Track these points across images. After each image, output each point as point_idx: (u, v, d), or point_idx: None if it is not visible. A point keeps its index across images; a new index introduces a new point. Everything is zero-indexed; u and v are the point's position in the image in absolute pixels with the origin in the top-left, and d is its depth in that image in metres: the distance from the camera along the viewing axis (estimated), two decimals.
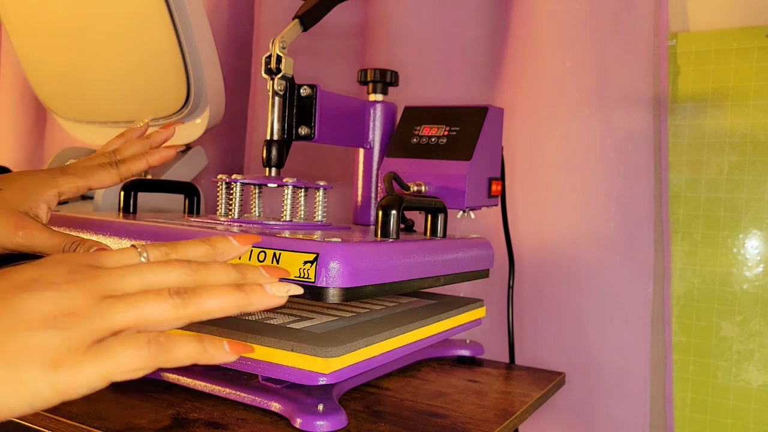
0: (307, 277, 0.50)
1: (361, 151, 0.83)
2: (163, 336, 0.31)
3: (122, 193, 0.77)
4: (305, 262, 0.50)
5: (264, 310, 0.62)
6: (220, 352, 0.33)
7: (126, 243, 0.61)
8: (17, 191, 0.53)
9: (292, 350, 0.51)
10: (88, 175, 0.56)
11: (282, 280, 0.38)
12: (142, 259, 0.35)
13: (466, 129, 0.74)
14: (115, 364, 0.30)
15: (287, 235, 0.55)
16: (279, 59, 0.69)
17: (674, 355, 0.93)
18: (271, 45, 0.69)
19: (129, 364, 0.30)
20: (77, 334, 0.29)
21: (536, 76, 0.95)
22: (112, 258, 0.34)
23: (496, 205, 0.79)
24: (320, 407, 0.52)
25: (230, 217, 0.68)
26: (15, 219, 0.51)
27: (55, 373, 0.28)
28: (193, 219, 0.71)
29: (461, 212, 0.74)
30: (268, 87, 0.70)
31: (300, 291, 0.37)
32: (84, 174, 0.56)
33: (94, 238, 0.64)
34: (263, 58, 0.70)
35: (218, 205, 0.71)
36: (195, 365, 0.60)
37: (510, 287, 0.87)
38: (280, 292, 0.35)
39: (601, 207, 0.91)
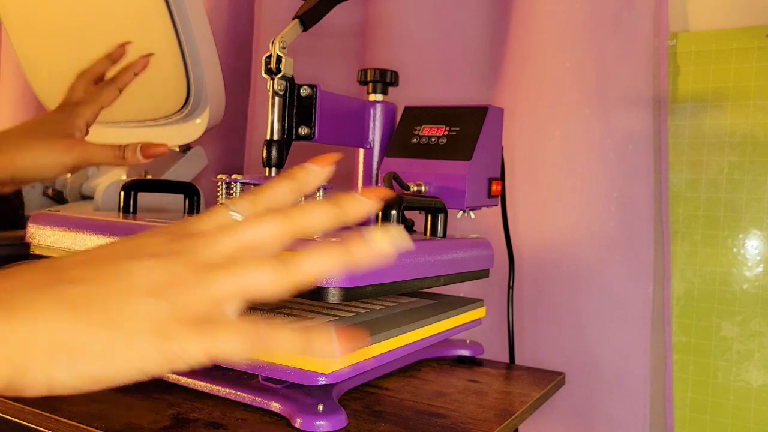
0: None
1: (361, 151, 0.83)
2: (269, 327, 0.30)
3: (122, 193, 0.77)
4: None
5: (263, 310, 0.62)
6: (327, 346, 0.30)
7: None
8: (52, 124, 0.60)
9: None
10: (97, 99, 0.62)
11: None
12: (236, 216, 0.33)
13: (466, 129, 0.74)
14: (220, 346, 0.29)
15: None
16: (279, 59, 0.69)
17: (674, 355, 0.93)
18: (271, 45, 0.69)
19: (233, 350, 0.29)
20: (183, 306, 0.29)
21: (536, 76, 0.95)
22: (206, 222, 0.33)
23: (496, 205, 0.79)
24: (320, 407, 0.52)
25: None
26: (65, 142, 0.60)
27: (165, 342, 0.28)
28: None
29: (461, 212, 0.74)
30: (268, 87, 0.70)
31: (406, 242, 0.32)
32: (94, 99, 0.62)
33: (95, 238, 0.64)
34: (263, 58, 0.70)
35: None
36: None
37: (510, 287, 0.87)
38: (385, 245, 0.32)
39: (601, 207, 0.91)
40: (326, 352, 0.30)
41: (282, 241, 0.32)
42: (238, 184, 0.68)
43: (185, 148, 1.14)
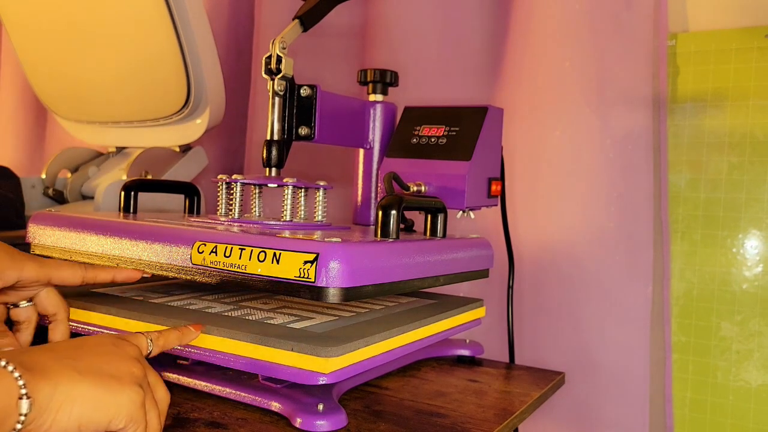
0: (307, 277, 0.50)
1: (361, 151, 0.83)
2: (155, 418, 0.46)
3: (122, 193, 0.77)
4: (305, 262, 0.51)
5: (263, 310, 0.62)
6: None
7: (126, 242, 0.62)
8: None
9: (292, 350, 0.51)
10: (54, 267, 0.57)
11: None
12: (149, 343, 0.51)
13: (465, 129, 0.74)
14: (157, 410, 0.45)
15: (287, 235, 0.55)
16: (279, 59, 0.69)
17: (674, 355, 0.93)
18: (271, 45, 0.69)
19: (156, 420, 0.45)
20: (139, 381, 0.44)
21: (536, 77, 0.95)
22: (134, 341, 0.50)
23: (496, 205, 0.79)
24: (320, 407, 0.52)
25: (230, 217, 0.68)
26: None
27: (134, 400, 0.42)
28: (193, 219, 0.71)
29: (461, 212, 0.74)
30: (268, 87, 0.70)
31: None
32: (50, 264, 0.57)
33: (95, 238, 0.64)
34: (263, 58, 0.70)
35: (218, 205, 0.71)
36: (196, 365, 0.60)
37: (510, 287, 0.87)
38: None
39: (600, 207, 0.91)
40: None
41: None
42: (238, 184, 0.68)
43: (185, 148, 1.14)
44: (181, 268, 0.58)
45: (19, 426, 0.36)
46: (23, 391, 0.37)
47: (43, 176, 1.19)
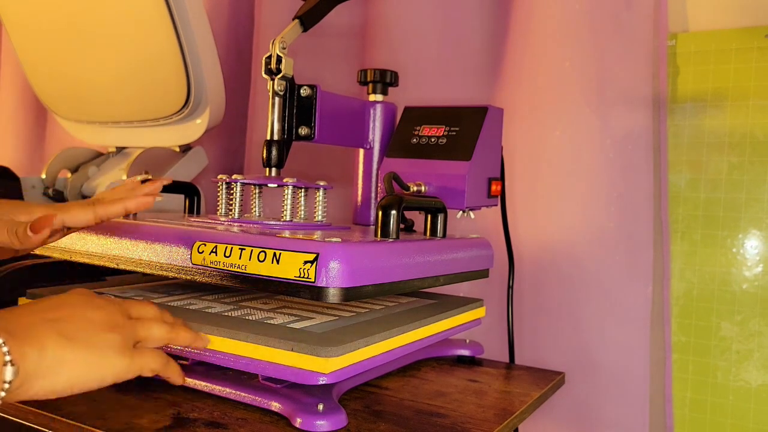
0: (307, 277, 0.50)
1: (361, 151, 0.83)
2: (167, 355, 0.49)
3: None
4: (305, 262, 0.51)
5: (263, 310, 0.62)
6: (179, 376, 0.51)
7: (126, 242, 0.62)
8: None
9: (292, 350, 0.51)
10: (63, 209, 0.56)
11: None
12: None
13: (465, 129, 0.74)
14: (149, 362, 0.47)
15: (287, 235, 0.55)
16: (279, 59, 0.69)
17: (674, 355, 0.93)
18: (271, 45, 0.69)
19: (153, 365, 0.47)
20: (126, 338, 0.46)
21: (536, 76, 0.95)
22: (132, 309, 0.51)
23: (496, 205, 0.79)
24: (320, 407, 0.52)
25: (230, 217, 0.68)
26: None
27: (123, 358, 0.44)
28: (193, 219, 0.71)
29: (461, 212, 0.74)
30: (268, 87, 0.71)
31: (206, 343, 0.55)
32: (60, 208, 0.57)
33: (95, 238, 0.64)
34: (263, 58, 0.70)
35: (218, 205, 0.71)
36: (196, 365, 0.60)
37: (510, 287, 0.87)
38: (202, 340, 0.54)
39: (600, 207, 0.91)
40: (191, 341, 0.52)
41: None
42: (238, 184, 0.68)
43: (185, 148, 1.14)
44: (181, 268, 0.58)
45: (2, 393, 0.37)
46: (7, 358, 0.36)
47: (43, 176, 1.19)
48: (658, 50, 0.92)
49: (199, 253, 0.56)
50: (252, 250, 0.53)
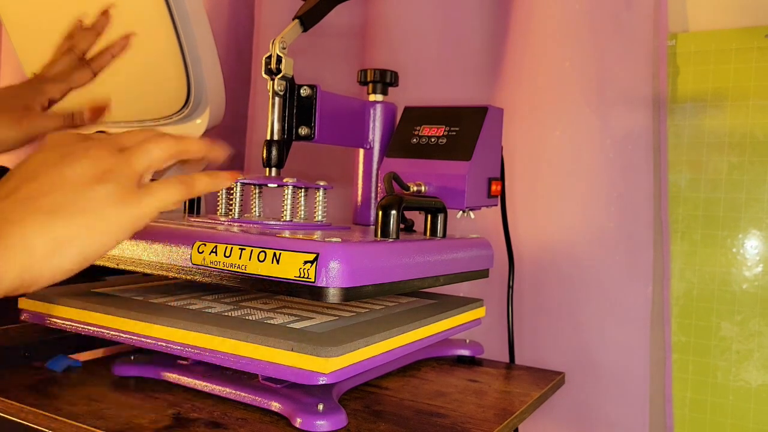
0: (307, 277, 0.50)
1: (361, 151, 0.83)
2: (188, 177, 0.42)
3: None
4: (305, 262, 0.51)
5: (263, 310, 0.62)
6: (225, 177, 0.45)
7: (126, 242, 0.62)
8: (12, 99, 0.59)
9: (292, 350, 0.51)
10: (68, 79, 0.59)
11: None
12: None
13: (465, 129, 0.74)
14: (163, 196, 0.40)
15: (287, 235, 0.55)
16: (279, 59, 0.69)
17: (674, 355, 0.93)
18: (271, 45, 0.69)
19: (171, 197, 0.40)
20: (123, 181, 0.39)
21: (536, 76, 0.95)
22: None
23: (496, 205, 0.79)
24: (320, 407, 0.52)
25: (230, 217, 0.68)
26: (13, 114, 0.57)
27: (127, 208, 0.38)
28: (193, 219, 0.71)
29: (461, 212, 0.74)
30: (268, 87, 0.71)
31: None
32: (65, 78, 0.60)
33: None
34: (263, 58, 0.70)
35: (218, 205, 0.71)
36: (196, 366, 0.60)
37: (510, 287, 0.87)
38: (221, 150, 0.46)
39: (600, 207, 0.91)
40: (225, 181, 0.45)
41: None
42: (238, 184, 0.68)
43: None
44: (181, 268, 0.58)
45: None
46: None
47: None
48: (658, 50, 0.92)
49: (199, 253, 0.56)
50: (252, 250, 0.53)
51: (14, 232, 0.35)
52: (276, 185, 0.68)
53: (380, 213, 0.61)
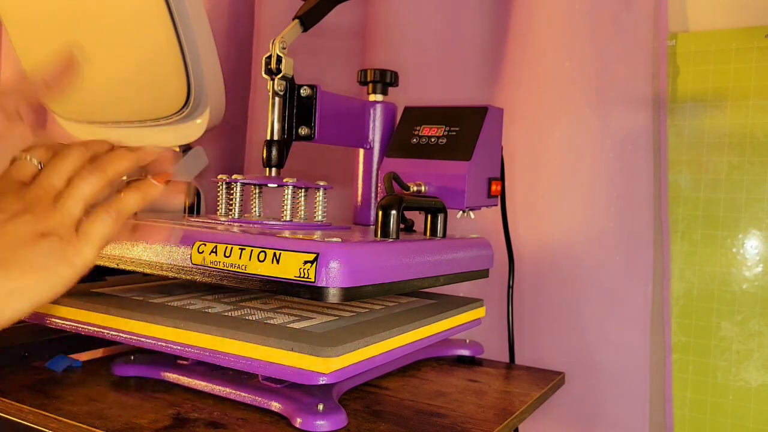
0: (307, 277, 0.50)
1: (361, 151, 0.83)
2: (115, 201, 0.43)
3: None
4: (305, 262, 0.51)
5: (263, 310, 0.62)
6: (150, 186, 0.45)
7: (126, 242, 0.62)
8: None
9: (292, 350, 0.51)
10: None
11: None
12: (39, 166, 0.43)
13: (465, 129, 0.74)
14: (99, 236, 0.41)
15: (287, 235, 0.55)
16: (279, 59, 0.69)
17: (674, 355, 0.93)
18: (271, 45, 0.69)
19: (105, 230, 0.42)
20: (63, 233, 0.40)
21: (536, 76, 0.95)
22: (20, 172, 0.43)
23: (496, 205, 0.79)
24: (320, 407, 0.52)
25: (230, 217, 0.68)
26: None
27: (70, 261, 0.40)
28: (193, 219, 0.71)
29: (461, 212, 0.74)
30: (268, 87, 0.71)
31: (159, 150, 0.47)
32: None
33: None
34: (263, 58, 0.70)
35: (218, 205, 0.71)
36: (196, 366, 0.60)
37: (510, 287, 0.87)
38: (153, 148, 0.46)
39: (600, 207, 0.91)
40: (153, 190, 0.45)
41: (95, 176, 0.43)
42: (238, 184, 0.68)
43: (185, 148, 1.14)
44: (181, 268, 0.58)
45: None
46: None
47: None
48: (658, 50, 0.92)
49: (199, 253, 0.56)
50: (252, 250, 0.53)
51: None
52: (276, 185, 0.68)
53: (380, 213, 0.61)
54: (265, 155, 0.70)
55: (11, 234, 0.39)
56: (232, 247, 0.54)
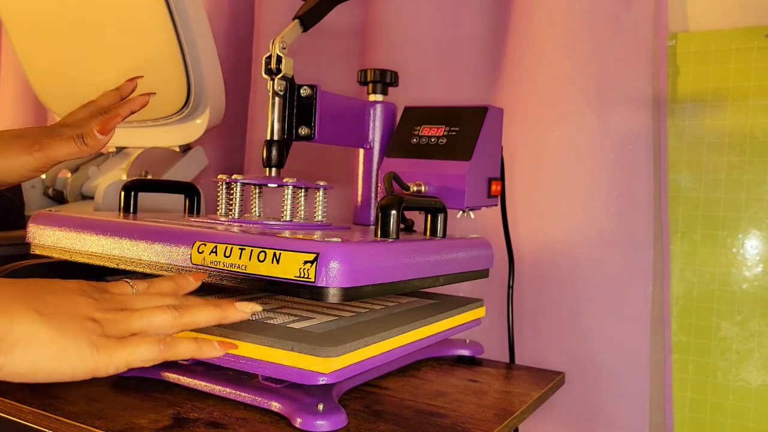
0: (307, 277, 0.50)
1: (361, 151, 0.83)
2: (169, 337, 0.43)
3: (122, 193, 0.77)
4: (305, 262, 0.51)
5: (264, 310, 0.62)
6: (211, 348, 0.45)
7: (126, 242, 0.62)
8: (27, 132, 0.63)
9: (292, 350, 0.51)
10: (83, 125, 0.62)
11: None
12: (134, 291, 0.48)
13: (465, 129, 0.74)
14: (135, 353, 0.42)
15: (287, 235, 0.55)
16: (279, 59, 0.69)
17: (674, 355, 0.93)
18: (271, 45, 0.69)
19: (144, 354, 0.42)
20: (110, 330, 0.42)
21: (536, 76, 0.95)
22: (117, 289, 0.47)
23: (496, 205, 0.79)
24: (320, 407, 0.52)
25: (230, 217, 0.68)
26: (21, 142, 0.61)
27: (96, 352, 0.40)
28: (193, 219, 0.71)
29: (461, 212, 0.74)
30: (268, 87, 0.71)
31: (260, 308, 0.49)
32: (82, 125, 0.62)
33: (95, 238, 0.64)
34: (263, 58, 0.70)
35: (218, 205, 0.71)
36: (196, 365, 0.60)
37: (510, 287, 0.87)
38: (246, 308, 0.48)
39: (600, 207, 0.91)
40: (211, 352, 0.45)
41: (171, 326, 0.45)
42: (238, 184, 0.68)
43: (185, 148, 1.14)
44: (181, 268, 0.58)
45: None
46: None
47: (43, 176, 1.19)
48: (658, 50, 0.92)
49: (199, 253, 0.56)
50: (252, 250, 0.53)
51: (5, 312, 0.38)
52: (276, 185, 0.68)
53: (380, 213, 0.61)
54: (265, 155, 0.70)
55: (72, 304, 0.41)
56: (232, 247, 0.54)
